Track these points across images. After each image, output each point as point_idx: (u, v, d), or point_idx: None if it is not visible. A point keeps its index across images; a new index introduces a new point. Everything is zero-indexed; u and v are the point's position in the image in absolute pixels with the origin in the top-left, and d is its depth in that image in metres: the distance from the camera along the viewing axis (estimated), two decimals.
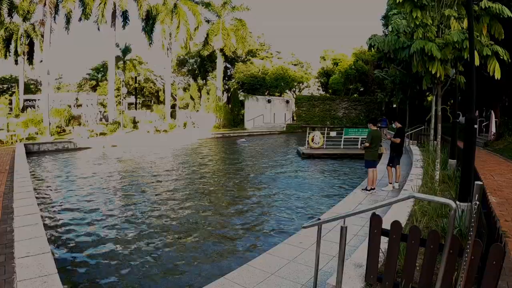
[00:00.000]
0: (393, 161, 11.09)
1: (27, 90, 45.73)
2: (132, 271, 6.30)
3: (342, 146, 22.34)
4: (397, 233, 3.71)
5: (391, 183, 11.01)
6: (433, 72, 8.08)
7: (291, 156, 22.13)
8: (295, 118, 48.73)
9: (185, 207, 10.49)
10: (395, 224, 3.73)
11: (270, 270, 5.29)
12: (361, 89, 51.95)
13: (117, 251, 7.20)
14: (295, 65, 56.62)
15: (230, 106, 45.13)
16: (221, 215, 9.73)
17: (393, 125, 11.60)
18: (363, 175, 14.73)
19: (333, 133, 23.61)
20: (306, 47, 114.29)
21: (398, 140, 10.88)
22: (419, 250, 3.68)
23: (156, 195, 12.03)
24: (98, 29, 35.90)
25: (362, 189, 10.85)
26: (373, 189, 10.57)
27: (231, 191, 12.89)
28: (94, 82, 60.05)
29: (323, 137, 22.30)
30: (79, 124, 32.70)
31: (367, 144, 10.49)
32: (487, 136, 18.64)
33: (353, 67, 48.70)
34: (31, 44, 40.69)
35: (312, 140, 22.11)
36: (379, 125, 11.71)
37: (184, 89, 55.75)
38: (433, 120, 11.17)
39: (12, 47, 39.65)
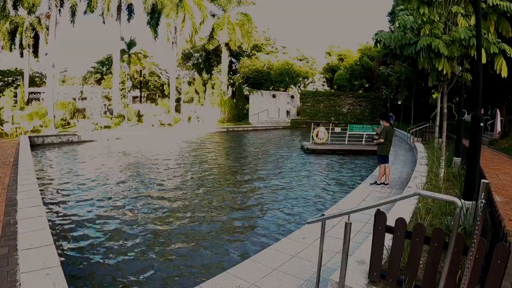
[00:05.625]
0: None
1: (32, 83, 45.83)
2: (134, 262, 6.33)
3: (346, 142, 22.33)
4: (402, 230, 3.69)
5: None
6: (439, 69, 8.03)
7: (295, 151, 22.09)
8: (300, 114, 48.57)
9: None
10: (400, 221, 3.71)
11: (273, 265, 5.29)
12: (366, 86, 51.76)
13: (121, 245, 7.23)
14: (300, 60, 56.45)
15: (234, 100, 45.06)
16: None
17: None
18: (367, 171, 14.71)
19: (337, 129, 23.59)
20: (312, 43, 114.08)
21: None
22: (423, 248, 3.67)
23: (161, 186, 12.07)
24: (104, 22, 36.08)
25: (370, 184, 10.89)
26: (386, 184, 10.63)
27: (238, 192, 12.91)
28: (99, 76, 60.15)
29: (328, 132, 22.27)
30: (84, 117, 32.80)
31: (381, 140, 10.51)
32: (492, 135, 18.55)
33: (358, 63, 48.59)
34: (36, 37, 40.75)
35: (317, 135, 22.09)
36: (391, 121, 11.79)
37: (189, 83, 55.74)
38: (438, 118, 11.11)
39: (17, 40, 39.71)
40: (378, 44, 10.05)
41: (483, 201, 2.86)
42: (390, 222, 3.90)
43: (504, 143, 15.83)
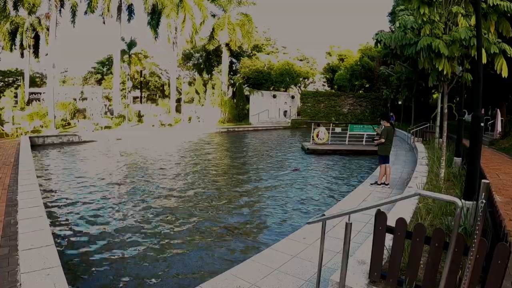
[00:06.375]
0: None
1: (33, 83, 45.83)
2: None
3: (347, 142, 22.32)
4: (402, 230, 3.69)
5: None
6: (439, 69, 8.03)
7: (296, 151, 22.08)
8: (300, 114, 48.58)
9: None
10: (400, 221, 3.71)
11: (274, 265, 5.29)
12: (366, 86, 51.74)
13: (119, 245, 7.24)
14: (300, 60, 56.47)
15: (235, 100, 45.03)
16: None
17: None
18: (368, 171, 14.70)
19: (338, 129, 23.61)
20: (312, 43, 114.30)
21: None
22: (424, 248, 3.67)
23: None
24: (104, 22, 36.09)
25: (371, 184, 10.88)
26: (387, 184, 10.60)
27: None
28: (99, 76, 60.16)
29: (328, 133, 22.26)
30: (84, 118, 32.81)
31: (382, 140, 10.47)
32: (493, 135, 18.53)
33: (358, 63, 48.59)
34: (36, 38, 40.78)
35: (317, 135, 22.07)
36: (391, 121, 11.76)
37: (190, 83, 55.71)
38: (438, 118, 11.09)
39: (17, 40, 39.78)
40: (379, 44, 10.07)
41: (484, 201, 2.86)
42: (391, 222, 3.89)
43: (505, 143, 15.80)
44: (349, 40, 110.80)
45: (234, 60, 52.95)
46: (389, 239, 3.95)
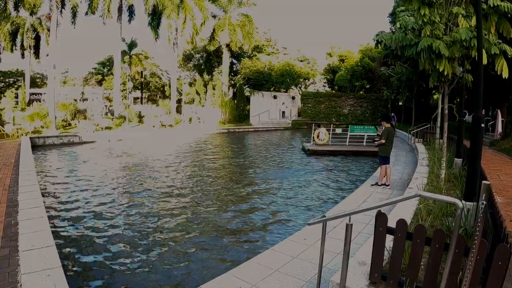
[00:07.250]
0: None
1: (33, 83, 45.87)
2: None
3: (347, 143, 22.32)
4: (403, 232, 3.69)
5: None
6: (440, 70, 8.02)
7: (296, 152, 22.07)
8: (301, 114, 48.61)
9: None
10: (401, 222, 3.70)
11: (274, 266, 5.28)
12: (367, 86, 51.69)
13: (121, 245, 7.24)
14: (301, 61, 56.47)
15: (235, 101, 45.06)
16: None
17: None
18: (369, 172, 14.68)
19: (338, 130, 23.61)
20: (313, 43, 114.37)
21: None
22: (424, 249, 3.66)
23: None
24: (104, 23, 36.07)
25: (371, 185, 10.86)
26: (387, 185, 10.59)
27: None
28: (100, 77, 60.16)
29: (329, 133, 22.25)
30: (85, 118, 32.83)
31: (382, 141, 10.46)
32: (493, 136, 18.50)
33: (359, 64, 48.59)
34: (37, 38, 40.84)
35: (318, 136, 22.07)
36: (392, 122, 11.74)
37: (190, 84, 55.72)
38: (439, 119, 11.07)
39: (18, 41, 39.84)
40: (379, 45, 10.06)
41: (484, 202, 2.86)
42: (391, 223, 3.89)
43: (505, 143, 15.76)
44: (350, 41, 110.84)
45: (234, 61, 52.98)
46: (389, 240, 3.95)
